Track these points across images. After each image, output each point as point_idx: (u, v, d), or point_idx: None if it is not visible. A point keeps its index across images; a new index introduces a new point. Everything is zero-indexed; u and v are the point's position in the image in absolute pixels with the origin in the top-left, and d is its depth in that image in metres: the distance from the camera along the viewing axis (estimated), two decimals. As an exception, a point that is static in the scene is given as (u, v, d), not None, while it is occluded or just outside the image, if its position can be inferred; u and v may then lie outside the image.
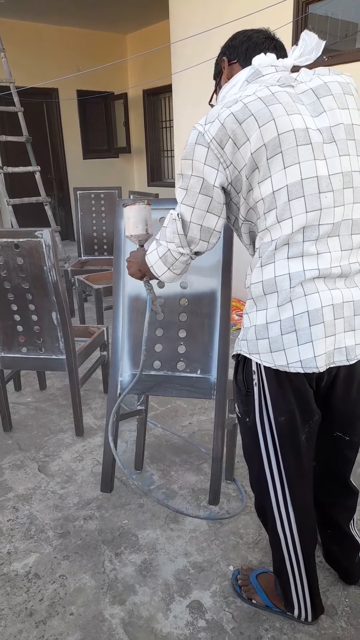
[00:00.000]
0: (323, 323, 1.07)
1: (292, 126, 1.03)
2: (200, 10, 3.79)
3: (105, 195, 4.14)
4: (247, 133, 1.04)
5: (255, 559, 1.64)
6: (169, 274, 1.25)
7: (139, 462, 2.10)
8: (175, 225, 1.16)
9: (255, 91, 1.06)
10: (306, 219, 1.05)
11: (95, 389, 2.84)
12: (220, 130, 1.06)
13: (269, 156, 1.04)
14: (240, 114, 1.04)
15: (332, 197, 1.05)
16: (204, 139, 1.08)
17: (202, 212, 1.13)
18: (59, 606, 1.49)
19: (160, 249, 1.23)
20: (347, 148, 1.07)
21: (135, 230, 1.44)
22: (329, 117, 1.06)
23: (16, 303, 2.17)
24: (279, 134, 1.03)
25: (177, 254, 1.20)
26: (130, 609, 1.48)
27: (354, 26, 3.12)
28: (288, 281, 1.07)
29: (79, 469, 2.13)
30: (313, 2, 3.14)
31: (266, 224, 1.09)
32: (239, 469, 2.06)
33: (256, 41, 1.20)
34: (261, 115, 1.03)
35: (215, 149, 1.07)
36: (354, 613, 1.44)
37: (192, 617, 1.44)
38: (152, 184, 7.54)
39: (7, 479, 2.08)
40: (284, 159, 1.03)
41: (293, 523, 1.26)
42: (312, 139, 1.04)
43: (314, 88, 1.09)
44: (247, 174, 1.07)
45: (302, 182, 1.04)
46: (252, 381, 1.19)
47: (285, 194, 1.04)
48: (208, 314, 1.77)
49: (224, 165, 1.08)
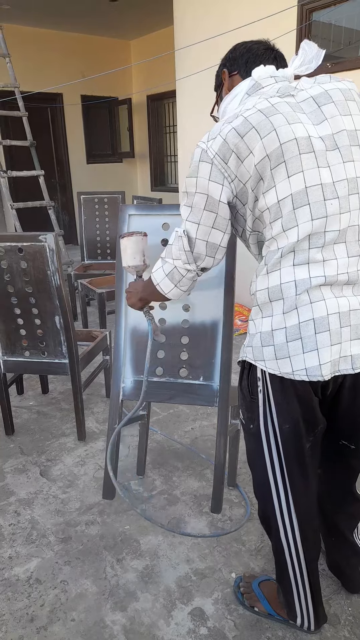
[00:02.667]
0: (329, 331, 1.06)
1: (294, 135, 1.03)
2: (205, 17, 3.81)
3: (108, 199, 4.16)
4: (250, 146, 1.05)
5: (258, 567, 1.63)
6: (176, 291, 1.26)
7: (141, 467, 2.10)
8: (181, 243, 1.17)
9: (255, 104, 1.07)
10: (312, 227, 1.05)
11: (98, 393, 2.84)
12: (223, 146, 1.07)
13: (273, 166, 1.04)
14: (241, 127, 1.05)
15: (337, 203, 1.05)
16: (207, 155, 1.09)
17: (208, 228, 1.14)
18: (60, 612, 1.49)
19: (166, 267, 1.23)
20: (351, 154, 1.07)
21: (133, 262, 1.47)
22: (331, 124, 1.06)
23: (19, 307, 2.18)
24: (281, 143, 1.03)
25: (183, 270, 1.20)
26: (131, 616, 1.47)
27: (357, 34, 3.13)
28: (294, 288, 1.07)
29: (80, 473, 2.13)
30: (317, 10, 3.15)
31: (272, 233, 1.09)
32: (241, 475, 2.05)
33: (256, 52, 1.21)
34: (262, 127, 1.04)
35: (219, 164, 1.08)
36: (357, 622, 1.43)
37: (194, 625, 1.44)
38: (155, 189, 7.56)
39: (9, 483, 2.08)
40: (287, 168, 1.04)
41: (296, 531, 1.25)
42: (315, 146, 1.04)
43: (314, 96, 1.09)
44: (252, 186, 1.07)
45: (307, 190, 1.04)
46: (257, 388, 1.18)
47: (290, 202, 1.04)
48: (211, 320, 1.76)
49: (228, 180, 1.09)
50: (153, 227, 1.75)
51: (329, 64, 3.09)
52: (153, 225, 1.76)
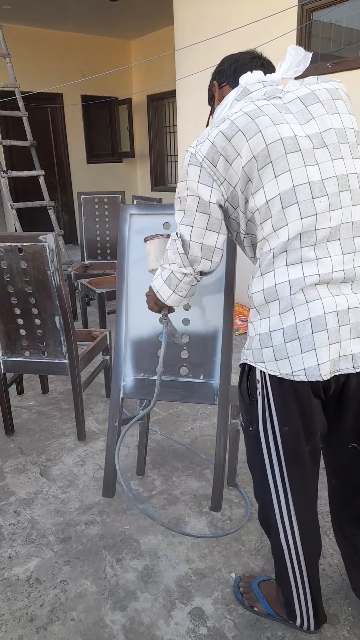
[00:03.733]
0: (326, 330, 1.06)
1: (279, 135, 1.04)
2: (205, 17, 3.81)
3: (108, 199, 4.16)
4: (237, 148, 1.06)
5: (258, 566, 1.63)
6: (174, 297, 1.26)
7: (140, 467, 2.10)
8: (175, 245, 1.18)
9: (242, 107, 1.09)
10: (302, 225, 1.05)
11: (98, 393, 2.84)
12: (211, 149, 1.09)
13: (260, 167, 1.05)
14: (228, 130, 1.07)
15: (326, 201, 1.05)
16: (196, 159, 1.11)
17: (201, 230, 1.15)
18: (59, 612, 1.49)
19: (164, 273, 1.24)
20: (340, 151, 1.07)
21: (156, 264, 1.46)
22: (318, 123, 1.07)
23: (19, 307, 2.18)
24: (267, 144, 1.04)
25: (180, 274, 1.21)
26: (131, 616, 1.47)
27: (358, 33, 3.13)
28: (288, 288, 1.07)
29: (80, 473, 2.13)
30: (317, 10, 3.15)
31: (263, 234, 1.09)
32: (241, 475, 2.05)
33: (243, 62, 1.24)
34: (248, 129, 1.05)
35: (207, 167, 1.09)
36: (356, 622, 1.43)
37: (194, 624, 1.43)
38: (155, 189, 7.56)
39: (8, 483, 2.08)
40: (274, 168, 1.05)
41: (296, 533, 1.24)
42: (302, 145, 1.05)
43: (301, 97, 1.10)
44: (241, 188, 1.09)
45: (295, 188, 1.05)
46: (256, 390, 1.18)
47: (278, 202, 1.05)
48: (211, 318, 1.77)
49: (217, 183, 1.10)
50: (154, 226, 1.77)
51: (329, 64, 3.09)
52: (154, 224, 1.77)
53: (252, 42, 3.25)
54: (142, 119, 7.45)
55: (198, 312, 1.78)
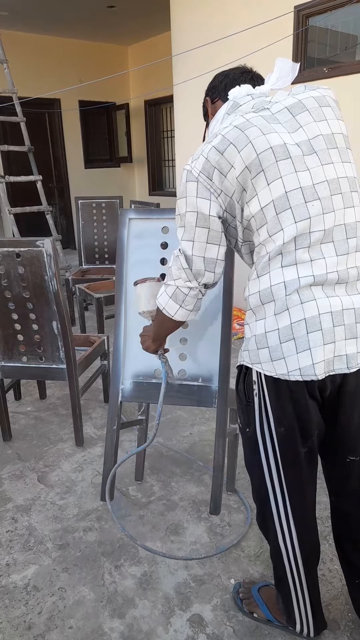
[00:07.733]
0: (321, 330, 1.07)
1: (269, 144, 1.08)
2: (202, 23, 3.83)
3: (106, 204, 4.16)
4: (230, 160, 1.10)
5: (257, 572, 1.62)
6: (181, 312, 1.26)
7: (139, 473, 2.09)
8: (179, 262, 1.20)
9: (232, 121, 1.13)
10: (296, 229, 1.07)
11: (96, 399, 2.83)
12: (205, 164, 1.12)
13: (253, 176, 1.09)
14: (220, 145, 1.11)
15: (319, 205, 1.08)
16: (192, 175, 1.14)
17: (202, 244, 1.17)
18: (57, 619, 1.47)
19: (169, 289, 1.25)
20: (329, 157, 1.10)
21: (147, 307, 1.48)
22: (306, 131, 1.11)
23: (17, 312, 2.17)
24: (258, 154, 1.08)
25: (185, 289, 1.22)
26: (130, 623, 1.46)
27: (353, 38, 3.15)
28: (283, 289, 1.09)
29: (78, 479, 2.12)
30: (313, 15, 3.17)
31: (260, 240, 1.12)
32: (240, 481, 2.04)
33: (233, 77, 1.28)
34: (239, 141, 1.09)
35: (204, 181, 1.13)
36: (357, 628, 1.42)
37: (193, 631, 1.42)
38: (153, 193, 7.58)
39: (6, 489, 2.06)
40: (266, 176, 1.08)
41: (294, 535, 1.25)
42: (291, 153, 1.08)
43: (288, 106, 1.13)
44: (237, 197, 1.12)
45: (287, 194, 1.07)
46: (253, 391, 1.18)
47: (272, 208, 1.08)
48: (210, 321, 1.76)
49: (215, 195, 1.13)
50: (153, 230, 1.77)
51: (325, 69, 3.11)
52: (153, 228, 1.77)
53: (249, 48, 3.28)
54: (140, 124, 7.47)
55: (196, 315, 1.77)
